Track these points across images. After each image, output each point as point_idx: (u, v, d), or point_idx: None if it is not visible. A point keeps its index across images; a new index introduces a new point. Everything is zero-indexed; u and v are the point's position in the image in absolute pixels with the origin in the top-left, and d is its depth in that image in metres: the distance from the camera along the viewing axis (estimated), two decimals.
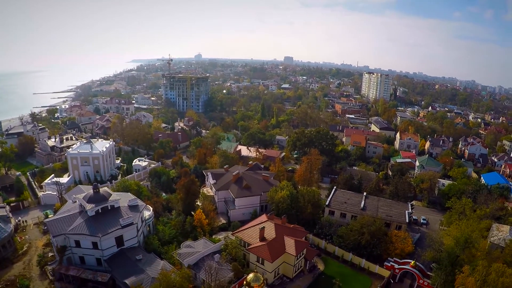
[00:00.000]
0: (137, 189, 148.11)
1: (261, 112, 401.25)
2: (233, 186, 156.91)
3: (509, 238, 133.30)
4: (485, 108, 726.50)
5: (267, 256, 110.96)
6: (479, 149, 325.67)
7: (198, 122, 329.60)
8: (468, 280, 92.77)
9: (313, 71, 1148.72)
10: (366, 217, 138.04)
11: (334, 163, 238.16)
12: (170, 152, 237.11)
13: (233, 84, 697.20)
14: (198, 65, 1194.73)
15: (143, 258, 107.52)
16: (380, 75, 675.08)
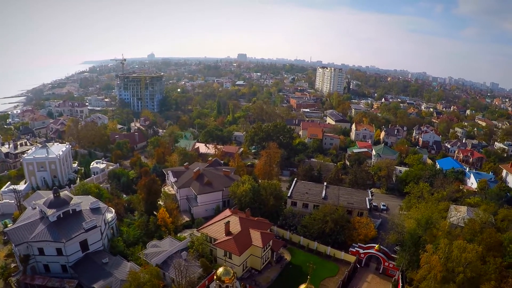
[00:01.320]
0: (98, 191, 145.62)
1: (217, 109, 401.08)
2: (194, 183, 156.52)
3: (467, 217, 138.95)
4: (436, 98, 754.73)
5: (234, 249, 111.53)
6: (433, 136, 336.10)
7: (155, 122, 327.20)
8: (433, 258, 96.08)
9: (267, 67, 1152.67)
10: (328, 205, 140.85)
11: (293, 156, 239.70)
12: (127, 153, 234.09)
13: (187, 83, 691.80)
14: (152, 64, 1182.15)
15: (109, 261, 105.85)
16: (333, 69, 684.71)
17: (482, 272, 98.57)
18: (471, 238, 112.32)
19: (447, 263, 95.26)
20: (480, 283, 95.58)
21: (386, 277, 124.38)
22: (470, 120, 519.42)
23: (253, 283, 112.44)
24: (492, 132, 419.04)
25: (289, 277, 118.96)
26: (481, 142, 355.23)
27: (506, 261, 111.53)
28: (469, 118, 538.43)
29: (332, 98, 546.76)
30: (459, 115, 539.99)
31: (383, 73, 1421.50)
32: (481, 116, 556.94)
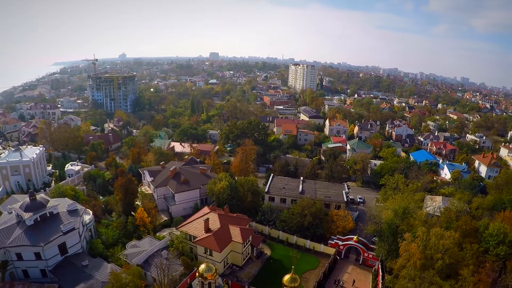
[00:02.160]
0: (74, 194, 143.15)
1: (190, 108, 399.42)
2: (171, 181, 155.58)
3: (443, 207, 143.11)
4: (408, 93, 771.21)
5: (215, 246, 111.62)
6: (406, 130, 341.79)
7: (128, 122, 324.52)
8: (411, 246, 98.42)
9: (239, 66, 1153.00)
10: (305, 200, 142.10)
11: (268, 153, 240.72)
12: (102, 154, 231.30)
13: (160, 82, 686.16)
14: (123, 64, 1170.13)
15: (89, 264, 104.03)
16: (306, 67, 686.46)
17: (459, 258, 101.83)
18: (448, 226, 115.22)
19: (426, 251, 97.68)
20: (459, 268, 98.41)
21: (366, 268, 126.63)
22: (442, 113, 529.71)
23: (235, 279, 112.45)
24: (463, 125, 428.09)
25: (270, 271, 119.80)
26: (453, 135, 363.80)
27: (483, 247, 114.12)
28: (441, 112, 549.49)
29: (305, 95, 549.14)
30: (431, 109, 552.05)
31: (355, 69, 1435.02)
32: (453, 110, 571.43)
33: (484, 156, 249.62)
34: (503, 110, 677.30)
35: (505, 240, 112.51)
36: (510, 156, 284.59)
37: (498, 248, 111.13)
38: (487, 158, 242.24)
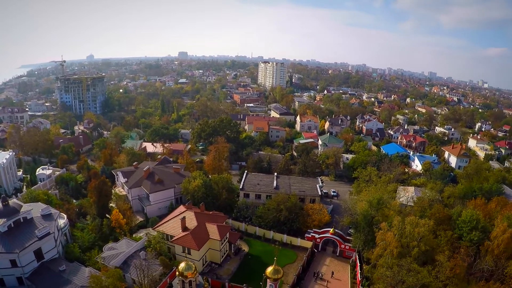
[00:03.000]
0: (46, 198, 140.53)
1: (161, 108, 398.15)
2: (145, 182, 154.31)
3: (416, 196, 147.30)
4: (377, 88, 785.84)
5: (193, 244, 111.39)
6: (376, 124, 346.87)
7: (99, 124, 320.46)
8: (388, 235, 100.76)
9: (208, 64, 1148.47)
10: (280, 195, 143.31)
11: (240, 150, 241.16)
12: (73, 157, 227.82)
13: (129, 83, 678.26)
14: (92, 66, 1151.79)
15: (67, 269, 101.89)
16: (275, 64, 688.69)
17: (435, 245, 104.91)
18: (422, 214, 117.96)
19: (402, 239, 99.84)
20: (435, 255, 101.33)
21: (343, 259, 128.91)
22: (411, 107, 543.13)
23: (215, 277, 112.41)
24: (432, 118, 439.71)
25: (249, 267, 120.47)
26: (422, 128, 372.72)
27: (456, 234, 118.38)
28: (410, 106, 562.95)
29: (275, 92, 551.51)
30: (399, 103, 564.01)
31: (324, 66, 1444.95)
32: (421, 104, 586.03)
33: (453, 147, 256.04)
34: (470, 103, 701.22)
35: (477, 226, 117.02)
36: (479, 146, 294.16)
37: (471, 234, 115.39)
38: (456, 149, 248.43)
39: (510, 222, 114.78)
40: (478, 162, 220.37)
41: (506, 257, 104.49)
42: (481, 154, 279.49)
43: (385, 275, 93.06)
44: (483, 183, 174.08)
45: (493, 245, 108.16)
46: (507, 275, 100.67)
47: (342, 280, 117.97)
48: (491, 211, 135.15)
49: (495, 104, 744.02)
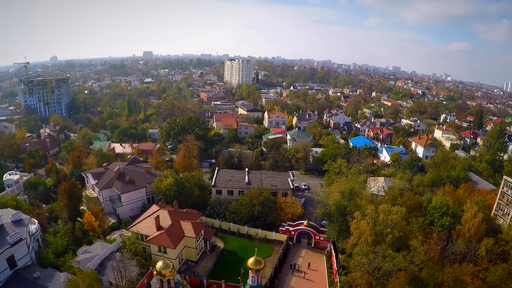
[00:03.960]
0: (16, 204, 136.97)
1: (127, 108, 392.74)
2: (116, 182, 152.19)
3: (386, 186, 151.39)
4: (342, 83, 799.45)
5: (168, 243, 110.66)
6: (343, 118, 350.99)
7: (65, 126, 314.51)
8: (361, 223, 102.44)
9: (174, 63, 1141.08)
10: (253, 190, 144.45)
11: (210, 148, 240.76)
12: (41, 161, 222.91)
13: (94, 84, 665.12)
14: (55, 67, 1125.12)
15: (41, 275, 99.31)
16: (241, 61, 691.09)
17: (407, 232, 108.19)
18: (393, 203, 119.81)
19: (376, 227, 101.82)
20: (408, 241, 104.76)
21: (319, 250, 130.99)
22: (377, 101, 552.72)
23: (192, 274, 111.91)
24: (398, 111, 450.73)
25: (225, 263, 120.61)
26: (388, 120, 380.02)
27: (428, 220, 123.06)
28: (375, 99, 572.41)
29: (242, 89, 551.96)
30: (365, 97, 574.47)
31: (289, 62, 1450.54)
32: (387, 97, 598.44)
33: (420, 138, 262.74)
34: (435, 96, 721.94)
35: (448, 211, 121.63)
36: (444, 137, 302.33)
37: (442, 219, 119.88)
38: (423, 140, 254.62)
39: (479, 207, 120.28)
40: (444, 151, 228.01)
41: (476, 240, 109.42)
42: (447, 144, 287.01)
43: (361, 263, 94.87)
44: (450, 171, 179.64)
45: (464, 229, 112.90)
46: (479, 257, 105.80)
47: (319, 271, 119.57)
48: (459, 197, 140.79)
49: (459, 96, 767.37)
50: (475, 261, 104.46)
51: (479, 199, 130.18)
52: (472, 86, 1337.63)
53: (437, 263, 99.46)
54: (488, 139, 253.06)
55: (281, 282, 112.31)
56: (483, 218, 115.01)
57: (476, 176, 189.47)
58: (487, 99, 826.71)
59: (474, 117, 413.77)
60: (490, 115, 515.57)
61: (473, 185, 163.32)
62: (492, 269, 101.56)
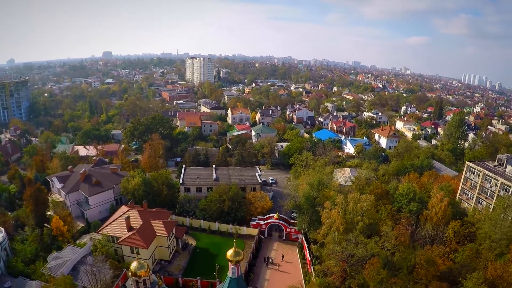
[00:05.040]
0: None
1: (89, 110, 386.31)
2: (83, 185, 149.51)
3: (353, 176, 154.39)
4: (304, 78, 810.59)
5: (141, 243, 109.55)
6: (306, 113, 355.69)
7: (26, 130, 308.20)
8: (332, 213, 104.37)
9: (134, 63, 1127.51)
10: (221, 186, 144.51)
11: (175, 146, 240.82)
12: (2, 168, 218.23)
13: (54, 86, 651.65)
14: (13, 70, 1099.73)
15: (12, 285, 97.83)
16: (203, 59, 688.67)
17: (377, 219, 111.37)
18: (361, 192, 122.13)
19: (346, 215, 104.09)
20: (378, 227, 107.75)
21: (290, 242, 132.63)
22: (338, 95, 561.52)
23: (166, 274, 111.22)
24: (359, 104, 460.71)
25: (199, 260, 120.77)
26: (351, 113, 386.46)
27: (396, 206, 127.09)
28: (337, 94, 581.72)
29: (204, 87, 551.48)
30: (327, 92, 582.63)
31: (250, 60, 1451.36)
32: (348, 91, 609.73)
33: (382, 129, 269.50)
34: (395, 88, 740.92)
35: (415, 197, 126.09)
36: (406, 127, 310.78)
37: (410, 205, 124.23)
38: (385, 131, 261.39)
39: (445, 192, 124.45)
40: (407, 141, 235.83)
41: (444, 223, 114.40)
42: (409, 134, 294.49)
43: (334, 251, 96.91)
44: (414, 160, 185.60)
45: (431, 214, 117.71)
46: (447, 239, 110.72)
47: (293, 262, 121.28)
48: (424, 184, 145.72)
49: (418, 88, 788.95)
50: (444, 243, 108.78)
51: (444, 185, 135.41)
52: (431, 79, 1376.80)
53: (408, 247, 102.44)
54: (449, 128, 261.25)
55: (256, 275, 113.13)
56: (448, 202, 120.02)
57: (439, 163, 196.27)
58: (446, 91, 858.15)
59: (434, 108, 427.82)
60: (450, 106, 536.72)
61: (436, 172, 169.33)
62: (461, 249, 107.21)
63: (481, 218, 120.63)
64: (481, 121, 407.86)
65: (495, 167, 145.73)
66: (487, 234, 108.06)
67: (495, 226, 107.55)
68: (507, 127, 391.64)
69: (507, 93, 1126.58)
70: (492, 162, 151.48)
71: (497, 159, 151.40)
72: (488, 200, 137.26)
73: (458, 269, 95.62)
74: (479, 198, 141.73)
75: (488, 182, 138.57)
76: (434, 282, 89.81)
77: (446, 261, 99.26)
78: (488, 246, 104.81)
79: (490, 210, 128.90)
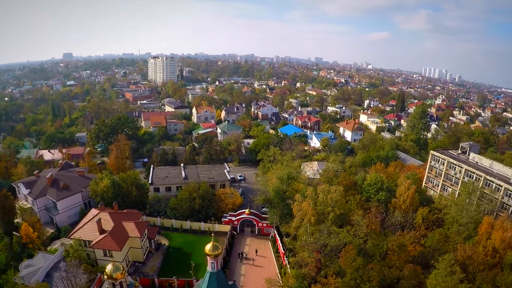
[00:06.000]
0: None
1: (52, 113, 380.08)
2: (50, 190, 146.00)
3: (320, 169, 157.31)
4: (267, 75, 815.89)
5: (114, 245, 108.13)
6: (271, 109, 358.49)
7: None
8: (303, 205, 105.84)
9: (96, 64, 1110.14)
10: (191, 184, 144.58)
11: (141, 147, 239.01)
12: None
13: (14, 90, 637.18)
14: None
15: None
16: (165, 59, 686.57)
17: (347, 209, 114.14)
18: (330, 184, 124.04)
19: (317, 207, 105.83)
20: (349, 217, 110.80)
21: (263, 237, 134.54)
22: (302, 91, 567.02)
23: (141, 275, 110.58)
24: (323, 99, 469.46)
25: (173, 260, 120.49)
26: (315, 108, 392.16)
27: (364, 196, 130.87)
28: (301, 90, 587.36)
29: (168, 87, 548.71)
30: (290, 88, 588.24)
31: (213, 58, 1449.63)
32: (311, 87, 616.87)
33: (347, 123, 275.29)
34: (357, 83, 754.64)
35: (383, 186, 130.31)
36: (370, 120, 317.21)
37: (378, 194, 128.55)
38: (350, 124, 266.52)
39: (412, 180, 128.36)
40: (371, 134, 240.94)
41: (412, 210, 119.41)
42: (373, 127, 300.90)
43: (308, 242, 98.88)
44: (379, 151, 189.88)
45: (400, 202, 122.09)
46: (416, 225, 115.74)
47: (267, 256, 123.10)
48: (391, 174, 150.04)
49: (380, 82, 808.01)
50: (414, 229, 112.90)
51: (410, 174, 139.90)
52: (393, 73, 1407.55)
53: (379, 234, 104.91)
54: (412, 120, 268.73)
55: (232, 271, 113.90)
56: (416, 190, 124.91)
57: (404, 154, 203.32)
58: (407, 84, 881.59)
59: (396, 101, 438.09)
60: (411, 98, 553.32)
61: (402, 162, 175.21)
62: (430, 234, 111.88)
63: (447, 204, 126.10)
64: (443, 112, 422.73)
65: (459, 155, 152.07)
66: (455, 219, 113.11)
67: (462, 210, 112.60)
68: (468, 117, 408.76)
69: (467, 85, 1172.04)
70: (455, 151, 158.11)
71: (460, 147, 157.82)
72: (453, 186, 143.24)
73: (430, 253, 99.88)
74: (445, 185, 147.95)
75: (452, 170, 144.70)
76: (408, 265, 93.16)
77: (417, 246, 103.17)
78: (456, 230, 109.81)
79: (456, 196, 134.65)
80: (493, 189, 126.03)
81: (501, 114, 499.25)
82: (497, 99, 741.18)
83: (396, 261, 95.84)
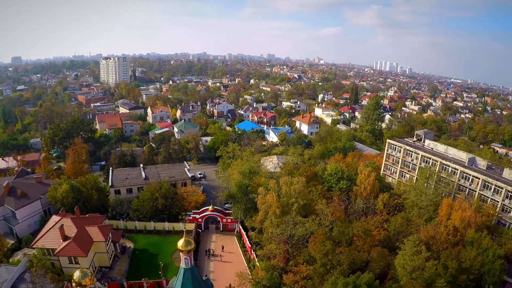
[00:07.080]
0: None
1: (2, 120, 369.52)
2: (8, 199, 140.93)
3: (280, 163, 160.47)
4: (220, 73, 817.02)
5: (79, 252, 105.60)
6: (226, 106, 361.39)
7: None
8: (267, 197, 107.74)
9: (46, 67, 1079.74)
10: (152, 184, 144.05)
11: (98, 150, 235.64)
12: None
13: None
14: None
15: None
16: (117, 59, 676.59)
17: (309, 200, 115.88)
18: (292, 176, 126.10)
19: (281, 199, 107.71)
20: (313, 207, 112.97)
21: (228, 232, 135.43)
22: (256, 87, 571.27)
23: (109, 280, 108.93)
24: (277, 95, 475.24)
25: (140, 262, 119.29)
26: (270, 104, 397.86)
27: (326, 186, 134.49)
28: (255, 86, 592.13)
29: (121, 88, 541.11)
30: (244, 85, 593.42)
31: (165, 58, 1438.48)
32: (265, 83, 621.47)
33: (303, 117, 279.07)
34: (310, 78, 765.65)
35: (343, 175, 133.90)
36: (325, 114, 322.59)
37: (339, 183, 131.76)
38: (306, 118, 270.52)
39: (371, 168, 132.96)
40: (327, 126, 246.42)
41: (373, 197, 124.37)
42: (328, 120, 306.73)
43: (274, 234, 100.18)
44: (336, 143, 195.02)
45: (361, 189, 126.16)
46: (378, 210, 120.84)
47: (234, 251, 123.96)
48: (350, 163, 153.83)
49: (333, 77, 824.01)
50: (376, 215, 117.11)
51: (368, 162, 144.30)
52: (345, 67, 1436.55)
53: (344, 221, 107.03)
54: (366, 111, 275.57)
55: (200, 269, 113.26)
56: (375, 177, 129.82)
57: (361, 144, 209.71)
58: (360, 78, 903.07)
59: (349, 94, 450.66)
60: (364, 91, 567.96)
61: (360, 152, 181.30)
62: (393, 219, 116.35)
63: (406, 189, 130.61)
64: (395, 103, 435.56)
65: (414, 142, 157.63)
66: (414, 203, 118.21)
67: (421, 194, 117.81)
68: (420, 107, 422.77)
69: (418, 77, 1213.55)
70: (411, 138, 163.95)
71: (415, 135, 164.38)
72: (410, 172, 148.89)
73: (395, 235, 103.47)
74: (402, 172, 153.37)
75: (409, 156, 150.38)
76: (375, 248, 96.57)
77: (381, 231, 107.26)
78: (416, 213, 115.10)
79: (414, 181, 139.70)
80: (449, 172, 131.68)
81: (452, 103, 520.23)
82: (447, 89, 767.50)
83: (363, 246, 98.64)
